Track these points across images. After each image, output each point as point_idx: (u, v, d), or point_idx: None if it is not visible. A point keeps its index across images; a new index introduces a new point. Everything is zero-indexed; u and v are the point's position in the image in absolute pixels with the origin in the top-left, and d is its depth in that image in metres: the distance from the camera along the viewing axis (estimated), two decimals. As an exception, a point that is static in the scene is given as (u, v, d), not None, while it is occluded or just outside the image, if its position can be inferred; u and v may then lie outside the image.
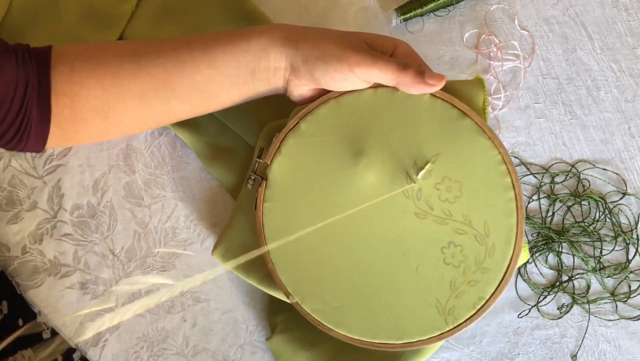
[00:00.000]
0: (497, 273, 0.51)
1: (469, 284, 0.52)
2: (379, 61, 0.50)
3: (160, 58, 0.53)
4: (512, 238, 0.51)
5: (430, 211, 0.52)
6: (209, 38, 0.54)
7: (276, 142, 0.54)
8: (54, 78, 0.52)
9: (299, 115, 0.54)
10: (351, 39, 0.52)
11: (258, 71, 0.53)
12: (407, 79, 0.50)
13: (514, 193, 0.52)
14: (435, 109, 0.53)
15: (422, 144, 0.53)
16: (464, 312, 0.52)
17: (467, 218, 0.52)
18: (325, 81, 0.52)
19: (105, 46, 0.55)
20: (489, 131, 0.52)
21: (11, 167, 0.66)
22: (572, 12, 0.68)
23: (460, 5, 0.69)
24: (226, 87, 0.54)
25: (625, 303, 0.62)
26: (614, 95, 0.66)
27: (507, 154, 0.52)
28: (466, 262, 0.52)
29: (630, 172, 0.65)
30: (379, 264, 0.53)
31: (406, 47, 0.53)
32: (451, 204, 0.52)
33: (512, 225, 0.52)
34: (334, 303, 0.53)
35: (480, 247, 0.52)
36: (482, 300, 0.52)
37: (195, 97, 0.54)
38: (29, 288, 0.64)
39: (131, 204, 0.66)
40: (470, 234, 0.52)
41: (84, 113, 0.54)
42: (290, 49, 0.52)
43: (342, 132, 0.53)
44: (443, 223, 0.52)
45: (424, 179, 0.52)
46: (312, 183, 0.53)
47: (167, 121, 0.57)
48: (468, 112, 0.53)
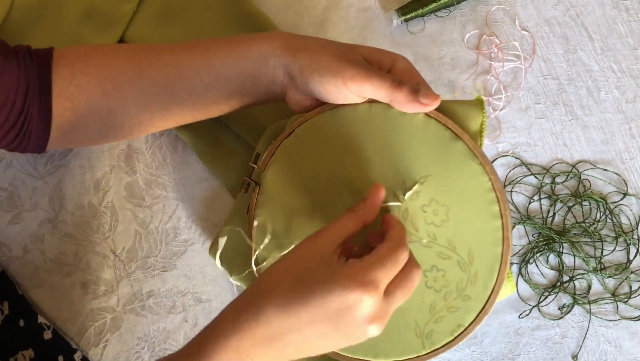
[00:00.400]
0: (477, 302, 0.51)
1: (449, 310, 0.51)
2: (374, 76, 0.49)
3: (161, 63, 0.53)
4: (495, 268, 0.50)
5: (414, 233, 0.51)
6: (210, 44, 0.54)
7: (271, 149, 0.54)
8: (55, 81, 0.52)
9: (295, 123, 0.54)
10: (348, 53, 0.51)
11: (258, 78, 0.53)
12: (400, 96, 0.49)
13: (502, 223, 0.51)
14: (428, 129, 0.52)
15: (412, 163, 0.52)
16: (441, 338, 0.51)
17: (452, 244, 0.51)
18: (319, 93, 0.51)
19: (106, 50, 0.55)
20: (481, 156, 0.51)
21: (12, 168, 0.66)
22: (572, 12, 0.68)
23: (461, 6, 0.69)
24: (226, 93, 0.54)
25: (626, 303, 0.62)
26: (615, 96, 0.66)
27: (498, 181, 0.51)
28: (448, 287, 0.51)
29: (630, 173, 0.65)
30: None
31: (405, 63, 0.52)
32: (437, 227, 0.51)
33: (496, 255, 0.51)
34: None
35: (462, 274, 0.51)
36: (460, 328, 0.51)
37: (195, 103, 0.54)
38: (30, 288, 0.64)
39: (132, 205, 0.66)
40: (454, 260, 0.51)
41: (84, 116, 0.54)
42: (288, 58, 0.51)
43: (335, 145, 0.53)
44: (427, 246, 0.51)
45: (411, 200, 0.51)
46: (303, 192, 0.53)
47: (166, 125, 0.57)
48: (461, 135, 0.51)
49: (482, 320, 0.50)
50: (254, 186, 0.55)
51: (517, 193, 0.65)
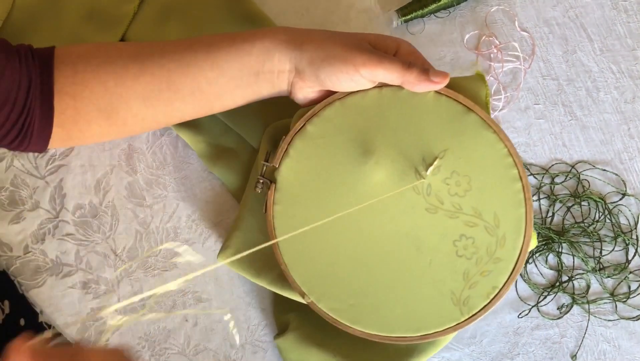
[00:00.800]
0: (508, 262, 0.52)
1: (482, 275, 0.52)
2: (384, 60, 0.51)
3: (164, 59, 0.53)
4: (521, 228, 0.52)
5: (440, 206, 0.53)
6: (213, 40, 0.54)
7: (284, 145, 0.55)
8: (57, 78, 0.53)
9: (305, 117, 0.54)
10: (355, 40, 0.52)
11: (262, 73, 0.53)
12: (412, 77, 0.51)
13: (522, 184, 0.53)
14: (440, 105, 0.53)
15: (429, 140, 0.53)
16: (478, 302, 0.52)
17: (477, 211, 0.53)
18: (331, 82, 0.52)
19: (108, 47, 0.55)
20: (494, 125, 0.53)
21: (13, 167, 0.66)
22: (572, 13, 0.69)
23: (460, 7, 0.69)
24: (229, 89, 0.54)
25: (624, 303, 0.62)
26: (614, 96, 0.67)
27: (513, 147, 0.53)
28: (478, 253, 0.52)
29: (629, 173, 0.65)
30: (393, 260, 0.53)
31: (409, 46, 0.54)
32: (461, 198, 0.53)
33: (521, 215, 0.52)
34: (350, 301, 0.53)
35: (491, 238, 0.52)
36: (495, 289, 0.52)
37: (198, 99, 0.54)
38: (30, 288, 0.65)
39: (133, 204, 0.66)
40: (481, 226, 0.53)
41: (87, 113, 0.54)
42: (294, 52, 0.52)
43: (349, 133, 0.54)
44: (454, 216, 0.53)
45: (433, 175, 0.53)
46: (322, 184, 0.54)
47: (169, 122, 0.57)
48: (473, 108, 0.53)
49: (514, 278, 0.52)
50: (269, 184, 0.55)
51: (516, 193, 0.65)
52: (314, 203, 0.54)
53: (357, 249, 0.53)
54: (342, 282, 0.53)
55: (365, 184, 0.53)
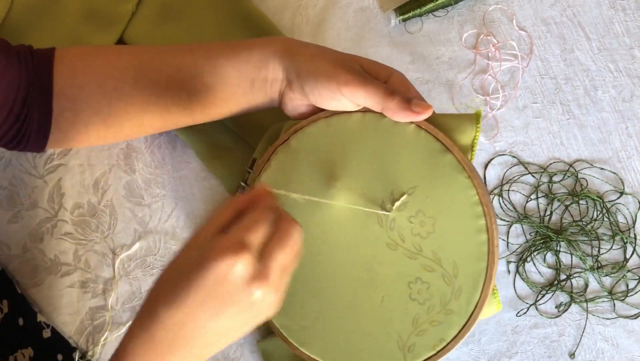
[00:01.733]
0: (460, 316, 0.50)
1: (432, 324, 0.50)
2: (368, 83, 0.50)
3: (162, 64, 0.53)
4: (479, 283, 0.50)
5: (401, 243, 0.51)
6: (212, 47, 0.54)
7: (266, 155, 0.55)
8: (55, 80, 0.53)
9: (290, 131, 0.54)
10: (347, 59, 0.52)
11: (257, 81, 0.53)
12: (392, 104, 0.50)
13: (487, 237, 0.50)
14: (418, 140, 0.52)
15: (401, 174, 0.52)
16: (423, 351, 0.50)
17: (437, 256, 0.51)
18: (314, 97, 0.52)
19: (108, 50, 0.55)
20: (470, 170, 0.51)
21: (12, 167, 0.66)
22: (569, 12, 0.69)
23: (458, 6, 0.69)
24: (225, 96, 0.54)
25: (623, 301, 0.63)
26: (612, 95, 0.67)
27: (486, 195, 0.51)
28: (431, 300, 0.50)
29: (627, 172, 0.65)
30: (347, 289, 0.52)
31: (400, 76, 0.53)
32: (423, 239, 0.51)
33: (481, 269, 0.50)
34: (301, 322, 0.53)
35: (447, 287, 0.50)
36: (442, 342, 0.50)
37: (194, 106, 0.55)
38: (29, 287, 0.65)
39: (131, 204, 0.66)
40: (438, 273, 0.50)
41: (84, 116, 0.54)
42: (287, 61, 0.52)
43: (327, 153, 0.53)
44: (413, 257, 0.51)
45: (399, 211, 0.51)
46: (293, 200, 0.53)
47: (165, 127, 0.57)
48: (451, 148, 0.51)
49: (464, 336, 0.50)
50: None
51: (514, 192, 0.65)
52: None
53: (316, 274, 0.52)
54: (297, 302, 0.52)
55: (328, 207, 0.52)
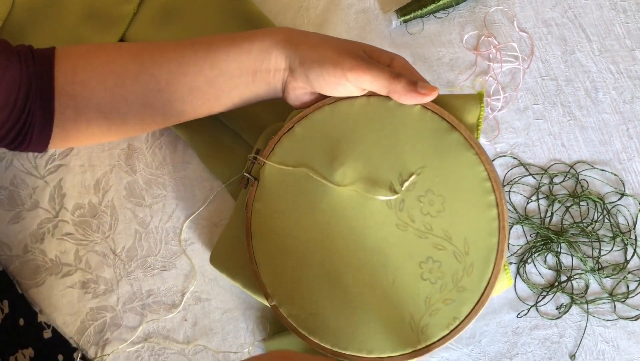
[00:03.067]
0: (473, 293, 0.50)
1: (445, 303, 0.50)
2: (373, 67, 0.50)
3: (163, 59, 0.53)
4: (491, 259, 0.50)
5: (411, 224, 0.51)
6: (213, 40, 0.54)
7: (271, 144, 0.55)
8: (57, 78, 0.53)
9: (295, 119, 0.54)
10: (349, 46, 0.52)
11: (259, 72, 0.53)
12: (399, 87, 0.50)
13: (497, 212, 0.50)
14: (425, 120, 0.52)
15: (409, 155, 0.51)
16: (436, 331, 0.50)
17: (448, 234, 0.50)
18: (319, 85, 0.52)
19: (108, 47, 0.55)
20: (477, 146, 0.51)
21: (13, 167, 0.66)
22: (570, 14, 0.69)
23: (459, 7, 0.69)
24: (228, 89, 0.54)
25: (623, 303, 0.63)
26: (612, 96, 0.67)
27: (494, 171, 0.51)
28: (443, 279, 0.50)
29: (628, 173, 0.65)
30: (357, 274, 0.51)
31: (403, 60, 0.53)
32: (433, 218, 0.50)
33: (492, 245, 0.50)
34: (310, 310, 0.52)
35: (458, 265, 0.50)
36: (456, 321, 0.50)
37: (197, 99, 0.54)
38: (30, 287, 0.65)
39: (132, 204, 0.66)
40: (449, 251, 0.50)
41: (86, 114, 0.54)
42: (289, 51, 0.52)
43: (334, 138, 0.53)
44: (423, 236, 0.51)
45: (408, 191, 0.51)
46: (300, 186, 0.53)
47: (168, 122, 0.57)
48: (457, 126, 0.51)
49: (478, 312, 0.49)
50: (253, 182, 0.55)
51: (515, 193, 0.65)
52: (291, 205, 0.53)
53: (324, 259, 0.52)
54: (305, 290, 0.52)
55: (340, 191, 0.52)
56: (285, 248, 0.53)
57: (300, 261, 0.53)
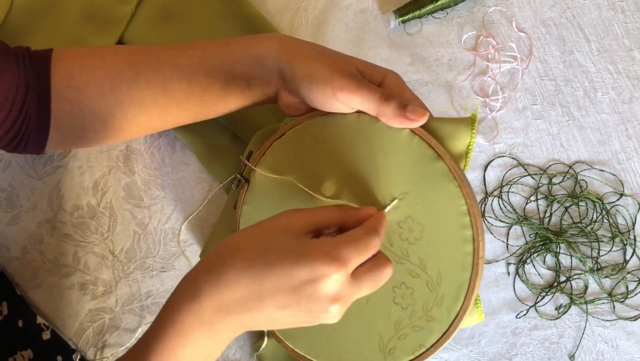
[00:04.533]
0: (441, 324, 0.50)
1: (413, 329, 0.51)
2: (363, 89, 0.49)
3: (159, 65, 0.53)
4: (462, 293, 0.50)
5: (389, 247, 0.51)
6: (208, 46, 0.54)
7: (263, 148, 0.55)
8: (53, 82, 0.53)
9: (287, 126, 0.55)
10: (342, 63, 0.51)
11: (253, 79, 0.53)
12: (387, 110, 0.50)
13: (473, 248, 0.50)
14: (412, 146, 0.52)
15: (393, 178, 0.52)
16: (402, 355, 0.51)
17: (423, 263, 0.51)
18: (309, 100, 0.51)
19: (104, 51, 0.55)
20: (460, 179, 0.51)
21: (11, 169, 0.66)
22: (569, 14, 0.69)
23: (458, 8, 0.69)
24: (223, 95, 0.54)
25: (622, 303, 0.62)
26: (611, 96, 0.67)
27: (474, 206, 0.51)
28: (414, 306, 0.51)
29: (627, 174, 0.65)
30: None
31: (395, 78, 0.53)
32: (410, 245, 0.51)
33: (464, 280, 0.50)
34: None
35: (430, 294, 0.50)
36: (422, 348, 0.51)
37: (193, 105, 0.54)
38: (29, 289, 0.65)
39: (131, 205, 0.66)
40: (422, 279, 0.51)
41: (83, 117, 0.54)
42: (283, 63, 0.52)
43: (322, 150, 0.53)
44: (399, 261, 0.51)
45: (389, 215, 0.51)
46: (286, 194, 0.54)
47: (164, 126, 0.57)
48: (443, 156, 0.51)
49: (443, 344, 0.50)
50: (243, 183, 0.55)
51: (514, 194, 0.65)
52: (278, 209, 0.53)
53: None
54: None
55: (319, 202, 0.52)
56: None
57: None
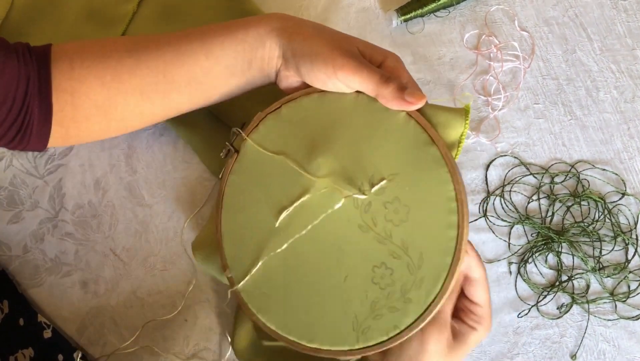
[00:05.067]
0: (418, 306, 0.50)
1: (389, 310, 0.50)
2: (363, 69, 0.50)
3: (159, 51, 0.53)
4: (441, 277, 0.50)
5: (373, 227, 0.51)
6: (207, 29, 0.54)
7: (256, 120, 0.55)
8: (54, 75, 0.53)
9: (283, 100, 0.55)
10: (343, 42, 0.52)
11: (254, 60, 0.53)
12: (386, 92, 0.50)
13: (457, 234, 0.50)
14: (407, 129, 0.52)
15: (384, 159, 0.52)
16: (376, 335, 0.51)
17: (405, 244, 0.51)
18: (309, 78, 0.52)
19: (104, 42, 0.55)
20: (451, 165, 0.51)
21: (13, 167, 0.66)
22: (571, 13, 0.69)
23: (460, 6, 0.69)
24: (224, 77, 0.54)
25: (624, 302, 0.62)
26: (613, 96, 0.67)
27: (463, 192, 0.51)
28: (393, 287, 0.51)
29: (629, 173, 0.65)
30: (313, 264, 0.52)
31: (396, 60, 0.53)
32: (395, 226, 0.51)
33: (445, 265, 0.50)
34: (263, 289, 0.53)
35: (409, 276, 0.50)
36: (396, 329, 0.50)
37: (194, 89, 0.55)
38: (30, 287, 0.65)
39: (132, 204, 0.66)
40: (403, 261, 0.51)
41: (85, 110, 0.54)
42: (283, 40, 0.52)
43: (317, 127, 0.53)
44: (382, 242, 0.51)
45: (376, 195, 0.51)
46: (275, 167, 0.54)
47: (167, 114, 0.57)
48: (436, 141, 0.51)
49: (418, 326, 0.50)
50: (233, 153, 0.55)
51: (516, 193, 0.65)
52: (264, 183, 0.54)
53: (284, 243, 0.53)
54: (261, 269, 0.53)
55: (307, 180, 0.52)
56: (251, 225, 0.54)
57: (263, 240, 0.53)
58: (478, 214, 0.65)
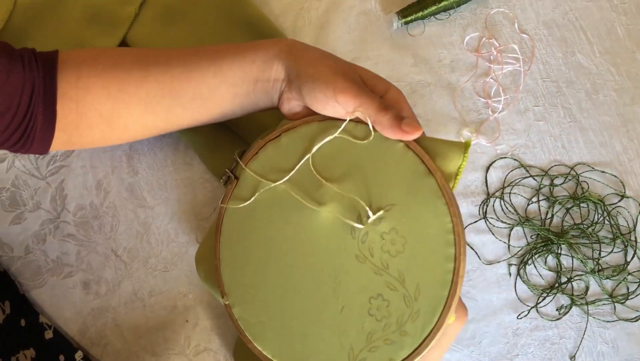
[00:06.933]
0: (414, 339, 0.50)
1: (385, 342, 0.50)
2: (364, 94, 0.50)
3: (168, 65, 0.54)
4: (438, 310, 0.50)
5: (369, 258, 0.51)
6: (218, 49, 0.54)
7: (256, 147, 0.55)
8: (60, 83, 0.53)
9: (283, 128, 0.55)
10: (346, 68, 0.52)
11: (260, 81, 0.53)
12: (384, 119, 0.50)
13: (454, 266, 0.50)
14: (405, 160, 0.52)
15: (382, 189, 0.52)
16: None
17: (402, 276, 0.50)
18: (310, 100, 0.52)
19: (112, 52, 0.55)
20: (448, 197, 0.51)
21: (15, 168, 0.66)
22: (571, 16, 0.69)
23: (461, 9, 0.69)
24: (229, 97, 0.54)
25: (623, 304, 0.63)
26: (613, 98, 0.67)
27: (460, 225, 0.51)
28: (389, 319, 0.50)
29: (628, 175, 0.65)
30: (310, 293, 0.52)
31: (397, 94, 0.53)
32: (391, 257, 0.51)
33: (442, 297, 0.50)
34: (259, 317, 0.53)
35: (406, 308, 0.50)
36: None
37: (198, 106, 0.55)
38: (31, 288, 0.65)
39: (134, 205, 0.66)
40: (400, 293, 0.50)
41: (89, 118, 0.54)
42: (290, 62, 0.52)
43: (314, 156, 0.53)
44: (378, 273, 0.51)
45: (374, 225, 0.51)
46: (276, 195, 0.54)
47: (168, 128, 0.57)
48: (434, 172, 0.51)
49: (414, 360, 0.50)
50: (233, 179, 0.55)
51: (515, 195, 0.65)
52: (264, 211, 0.54)
53: (282, 271, 0.53)
54: (259, 297, 0.53)
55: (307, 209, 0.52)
56: (249, 253, 0.54)
57: (261, 268, 0.53)
58: (478, 216, 0.65)
